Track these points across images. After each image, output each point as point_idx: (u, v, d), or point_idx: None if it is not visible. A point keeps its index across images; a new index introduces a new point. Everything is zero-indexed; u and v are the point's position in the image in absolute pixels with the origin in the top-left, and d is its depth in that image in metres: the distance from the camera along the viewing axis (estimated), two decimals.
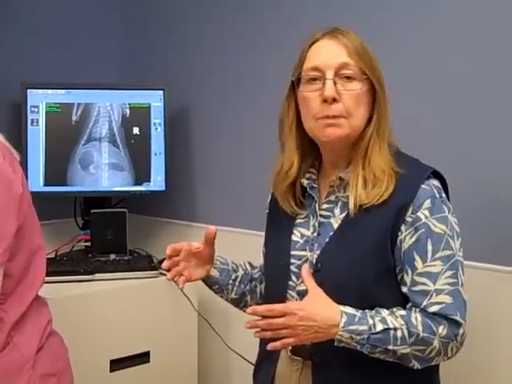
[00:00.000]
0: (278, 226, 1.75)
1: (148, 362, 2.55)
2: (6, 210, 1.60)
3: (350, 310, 1.48)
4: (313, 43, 1.61)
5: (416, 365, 1.50)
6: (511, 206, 1.93)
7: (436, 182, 1.57)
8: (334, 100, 1.55)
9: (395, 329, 1.47)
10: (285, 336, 1.47)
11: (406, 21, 2.15)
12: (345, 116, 1.56)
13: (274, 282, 1.71)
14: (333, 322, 1.46)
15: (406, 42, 2.15)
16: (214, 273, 1.81)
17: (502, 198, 1.95)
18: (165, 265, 1.75)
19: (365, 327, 1.46)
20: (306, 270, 1.55)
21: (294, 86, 1.63)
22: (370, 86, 1.59)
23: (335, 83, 1.55)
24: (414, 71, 2.13)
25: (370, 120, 1.60)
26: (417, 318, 1.49)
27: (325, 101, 1.55)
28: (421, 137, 2.07)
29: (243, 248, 2.00)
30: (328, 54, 1.58)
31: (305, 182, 1.68)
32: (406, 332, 1.47)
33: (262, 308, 1.49)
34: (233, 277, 1.84)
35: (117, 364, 2.47)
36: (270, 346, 1.50)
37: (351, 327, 1.45)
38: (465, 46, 2.01)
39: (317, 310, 1.47)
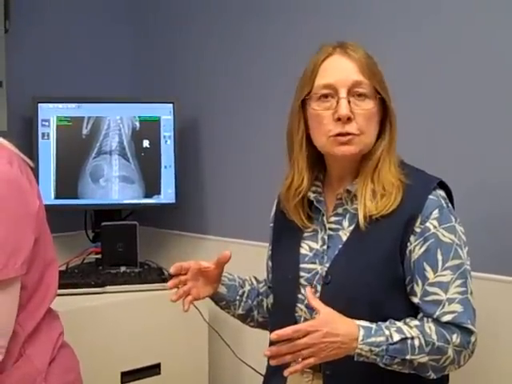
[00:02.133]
0: (284, 239, 1.76)
1: (159, 373, 2.55)
2: (24, 223, 1.61)
3: (364, 323, 1.48)
4: (324, 59, 1.61)
5: (432, 375, 1.50)
6: None
7: (442, 193, 1.58)
8: (349, 119, 1.55)
9: (412, 338, 1.47)
10: (304, 357, 1.43)
11: (406, 23, 2.16)
12: (357, 134, 1.57)
13: (284, 295, 1.71)
14: (353, 336, 1.44)
15: (405, 45, 2.17)
16: (222, 289, 1.81)
17: (504, 207, 1.96)
18: (170, 284, 1.74)
19: (382, 338, 1.45)
20: (309, 292, 1.52)
21: (304, 102, 1.63)
22: (381, 102, 1.60)
23: (349, 101, 1.56)
24: (414, 75, 2.14)
25: (379, 135, 1.61)
26: (430, 327, 1.49)
27: (339, 119, 1.56)
28: (425, 144, 2.09)
29: (254, 260, 1.99)
30: (341, 71, 1.58)
31: (311, 195, 1.68)
32: (422, 341, 1.47)
33: (290, 330, 1.42)
34: (240, 292, 1.84)
35: (128, 376, 2.48)
36: (288, 372, 1.46)
37: (369, 340, 1.45)
38: (464, 47, 2.03)
39: (337, 325, 1.45)
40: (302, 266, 1.67)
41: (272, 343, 1.47)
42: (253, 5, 2.66)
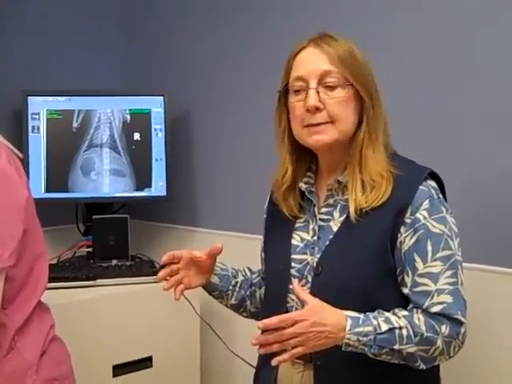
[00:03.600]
0: (276, 230, 1.76)
1: (151, 366, 2.56)
2: (12, 213, 1.61)
3: (352, 313, 1.48)
4: (298, 52, 1.63)
5: (421, 365, 1.51)
6: (509, 207, 1.94)
7: (433, 183, 1.58)
8: (317, 109, 1.57)
9: (400, 328, 1.47)
10: (293, 346, 1.44)
11: (405, 22, 2.16)
12: (331, 121, 1.57)
13: (275, 286, 1.72)
14: (341, 325, 1.45)
15: (403, 43, 2.16)
16: (214, 279, 1.81)
17: (499, 197, 1.96)
18: (160, 275, 1.75)
19: (370, 328, 1.46)
20: (297, 284, 1.53)
21: (284, 95, 1.65)
22: (357, 91, 1.60)
23: (318, 92, 1.57)
24: (412, 71, 2.14)
25: (360, 124, 1.62)
26: (419, 318, 1.50)
27: (308, 110, 1.57)
28: (417, 137, 2.08)
29: (245, 252, 2.00)
30: (311, 63, 1.60)
31: (303, 186, 1.69)
32: (410, 331, 1.47)
33: (276, 319, 1.43)
34: (233, 282, 1.85)
35: (119, 369, 2.48)
36: (276, 361, 1.46)
37: (357, 329, 1.45)
38: (463, 45, 2.03)
39: (324, 315, 1.46)
40: (293, 256, 1.67)
41: (262, 332, 1.47)
42: None
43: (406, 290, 1.54)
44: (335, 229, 1.61)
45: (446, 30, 2.06)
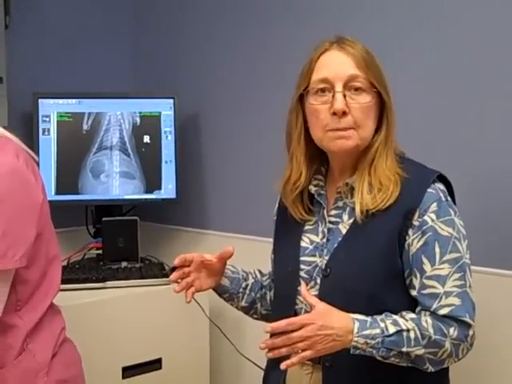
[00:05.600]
0: (286, 232, 1.76)
1: (160, 368, 2.56)
2: (26, 215, 1.62)
3: (359, 316, 1.48)
4: (321, 54, 1.61)
5: (430, 368, 1.51)
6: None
7: (441, 186, 1.58)
8: (344, 113, 1.56)
9: (408, 330, 1.47)
10: (301, 350, 1.44)
11: (407, 22, 2.17)
12: (354, 128, 1.57)
13: (284, 287, 1.72)
14: (348, 328, 1.45)
15: (406, 44, 2.17)
16: (225, 282, 1.81)
17: (505, 201, 1.96)
18: (172, 277, 1.75)
19: (378, 331, 1.46)
20: (304, 288, 1.53)
21: (302, 97, 1.64)
22: (378, 97, 1.60)
23: (344, 96, 1.56)
24: (415, 71, 2.15)
25: (377, 129, 1.61)
26: (427, 320, 1.50)
27: (334, 114, 1.56)
28: (424, 140, 2.09)
29: (255, 255, 2.00)
30: (337, 65, 1.59)
31: (312, 188, 1.69)
32: (418, 333, 1.47)
33: (283, 323, 1.43)
34: (243, 285, 1.85)
35: (129, 371, 2.49)
36: (285, 365, 1.46)
37: (365, 332, 1.45)
38: (465, 46, 2.03)
39: (332, 318, 1.46)
40: (302, 258, 1.67)
41: (271, 336, 1.48)
42: (256, 0, 2.66)
43: (414, 293, 1.54)
44: (344, 231, 1.61)
45: (448, 32, 2.06)
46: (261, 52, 2.65)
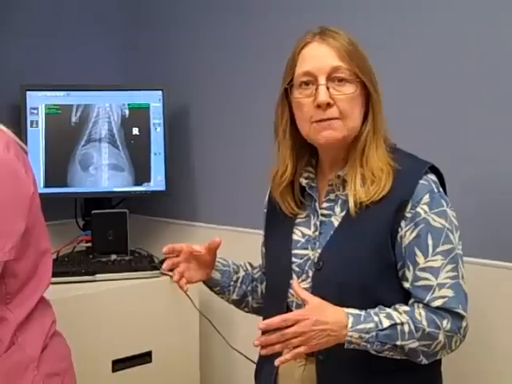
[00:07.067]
0: (277, 225, 1.75)
1: (150, 361, 2.56)
2: (14, 208, 1.60)
3: (353, 310, 1.48)
4: (303, 47, 1.61)
5: (424, 360, 1.51)
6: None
7: (433, 177, 1.58)
8: (328, 105, 1.56)
9: (402, 323, 1.47)
10: (295, 346, 1.44)
11: (404, 19, 2.16)
12: (339, 118, 1.57)
13: (276, 280, 1.72)
14: (342, 323, 1.45)
15: (403, 41, 2.16)
16: (215, 275, 1.81)
17: (501, 192, 1.97)
18: (165, 266, 1.74)
19: (372, 325, 1.46)
20: (296, 283, 1.53)
21: (287, 91, 1.63)
22: (363, 86, 1.59)
23: (328, 88, 1.56)
24: (411, 68, 2.14)
25: (364, 119, 1.61)
26: (420, 313, 1.50)
27: (319, 106, 1.56)
28: (418, 131, 2.08)
29: (245, 247, 2.00)
30: (319, 58, 1.58)
31: (303, 181, 1.68)
32: (412, 326, 1.48)
33: (277, 319, 1.43)
34: (234, 278, 1.84)
35: (119, 364, 2.48)
36: (279, 361, 1.47)
37: (359, 326, 1.45)
38: (463, 43, 2.03)
39: (325, 313, 1.46)
40: (294, 251, 1.67)
41: (263, 332, 1.47)
42: None
43: (406, 285, 1.54)
44: (336, 224, 1.61)
45: (447, 29, 2.06)
46: (250, 44, 2.64)
